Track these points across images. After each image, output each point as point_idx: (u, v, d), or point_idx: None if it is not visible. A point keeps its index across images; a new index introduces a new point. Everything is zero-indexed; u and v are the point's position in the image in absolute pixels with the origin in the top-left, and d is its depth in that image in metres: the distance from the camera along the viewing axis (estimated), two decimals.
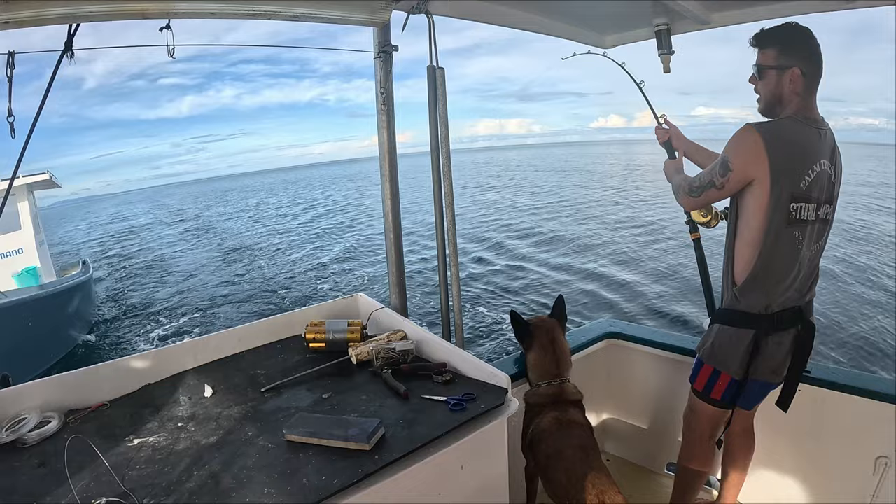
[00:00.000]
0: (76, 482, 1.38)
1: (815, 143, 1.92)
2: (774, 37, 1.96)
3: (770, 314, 1.99)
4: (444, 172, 2.35)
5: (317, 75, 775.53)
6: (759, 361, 2.03)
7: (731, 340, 2.06)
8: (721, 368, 2.10)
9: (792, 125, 1.93)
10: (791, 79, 1.92)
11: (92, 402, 1.85)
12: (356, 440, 1.46)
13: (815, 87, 1.96)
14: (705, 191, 2.05)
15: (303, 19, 2.01)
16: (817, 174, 1.89)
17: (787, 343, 2.03)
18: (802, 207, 1.89)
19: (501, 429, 1.70)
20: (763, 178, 1.87)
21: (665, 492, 2.67)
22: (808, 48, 1.93)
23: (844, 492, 2.37)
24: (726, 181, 1.95)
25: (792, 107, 1.95)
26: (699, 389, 2.21)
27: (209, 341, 2.22)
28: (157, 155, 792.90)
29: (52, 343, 9.71)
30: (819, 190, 1.92)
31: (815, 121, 1.95)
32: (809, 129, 1.93)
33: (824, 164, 1.92)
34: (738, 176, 1.93)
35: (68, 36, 1.64)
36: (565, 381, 2.21)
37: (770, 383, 2.11)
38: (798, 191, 1.87)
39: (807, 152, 1.90)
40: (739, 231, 2.01)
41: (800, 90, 1.93)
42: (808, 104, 1.95)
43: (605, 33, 3.02)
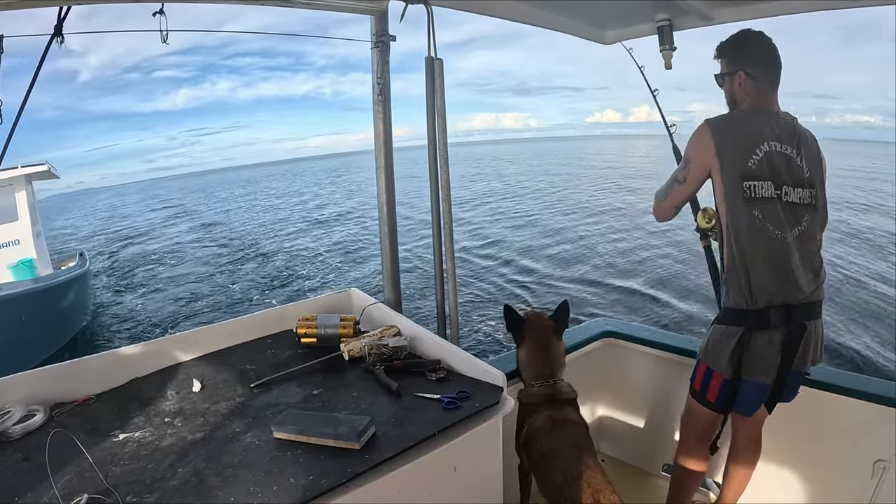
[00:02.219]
0: (58, 478, 1.35)
1: (763, 126, 2.04)
2: (724, 47, 2.18)
3: (756, 310, 1.99)
4: (440, 164, 2.32)
5: (312, 68, 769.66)
6: (749, 361, 2.03)
7: (721, 338, 2.08)
8: (713, 367, 2.11)
9: (739, 114, 2.14)
10: (739, 82, 2.12)
11: (78, 396, 1.81)
12: (346, 439, 1.43)
13: (769, 85, 2.12)
14: (671, 189, 2.20)
15: (298, 5, 1.98)
16: (766, 153, 2.00)
17: (777, 342, 2.01)
18: (756, 185, 1.98)
19: (496, 428, 1.67)
20: (714, 163, 2.03)
21: (661, 493, 2.65)
22: (753, 53, 2.12)
23: (842, 495, 2.36)
24: (687, 173, 2.13)
25: (746, 105, 2.14)
26: (696, 389, 2.21)
27: (199, 335, 2.19)
28: (152, 148, 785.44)
29: (45, 338, 9.66)
30: (772, 169, 2.00)
31: (767, 111, 2.09)
32: (758, 116, 2.07)
33: (776, 145, 2.02)
34: (695, 166, 2.10)
35: (58, 19, 1.61)
36: (558, 380, 2.18)
37: (765, 385, 2.08)
38: (747, 169, 1.98)
39: (752, 134, 2.02)
40: (724, 226, 2.07)
41: (749, 91, 2.11)
42: (763, 101, 2.11)
43: (606, 28, 3.00)
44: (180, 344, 2.12)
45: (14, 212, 11.55)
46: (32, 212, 12.01)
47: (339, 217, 28.99)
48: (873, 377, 2.46)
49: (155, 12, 1.73)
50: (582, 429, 2.09)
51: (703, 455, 2.33)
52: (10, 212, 11.49)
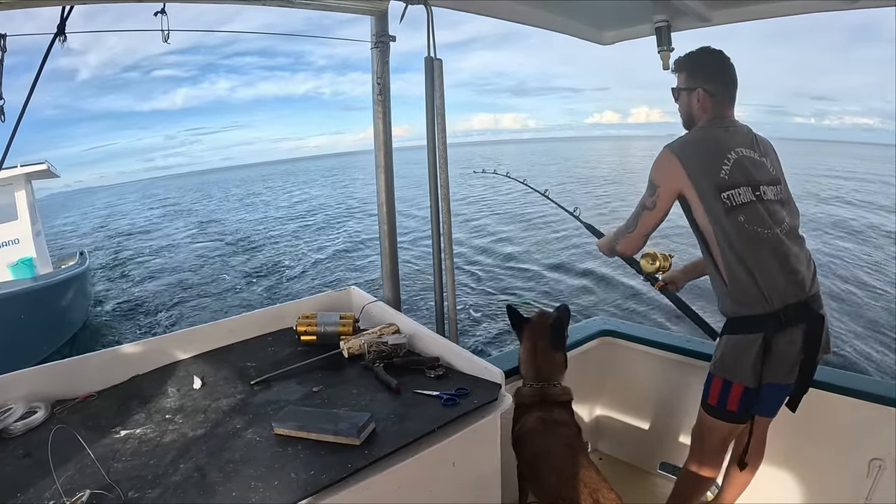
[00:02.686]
0: (60, 473, 1.36)
1: (723, 137, 2.10)
2: (684, 63, 2.21)
3: (774, 312, 1.97)
4: (439, 164, 2.33)
5: (312, 68, 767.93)
6: (772, 363, 1.99)
7: (739, 348, 2.03)
8: (731, 378, 2.06)
9: (696, 132, 2.17)
10: (698, 98, 2.16)
11: (79, 393, 1.82)
12: (346, 434, 1.44)
13: (726, 101, 2.17)
14: (639, 217, 2.20)
15: (299, 6, 1.98)
16: (734, 161, 2.04)
17: (798, 340, 2.00)
18: (734, 194, 2.00)
19: (494, 425, 1.69)
20: (687, 186, 2.04)
21: (658, 491, 2.66)
22: (713, 70, 2.16)
23: (838, 493, 2.37)
24: (656, 198, 2.13)
25: (703, 121, 2.18)
26: (713, 404, 2.15)
27: (199, 332, 2.20)
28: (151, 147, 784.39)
29: (44, 337, 9.66)
30: (744, 174, 2.03)
31: (723, 123, 2.15)
32: (714, 130, 2.13)
33: (741, 151, 2.07)
34: (664, 190, 2.11)
35: (61, 19, 1.62)
36: (549, 385, 2.18)
37: (787, 384, 2.06)
38: (721, 181, 2.01)
39: (716, 147, 2.07)
40: (708, 245, 2.09)
41: (708, 107, 2.15)
42: (720, 116, 2.16)
43: (604, 29, 3.02)
44: (181, 342, 2.13)
45: (14, 211, 11.54)
46: (32, 211, 12.00)
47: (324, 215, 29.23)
48: (870, 376, 2.47)
49: (156, 12, 1.74)
50: (572, 429, 2.10)
51: (717, 464, 2.30)
52: (10, 211, 11.47)
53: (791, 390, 2.08)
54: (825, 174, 41.89)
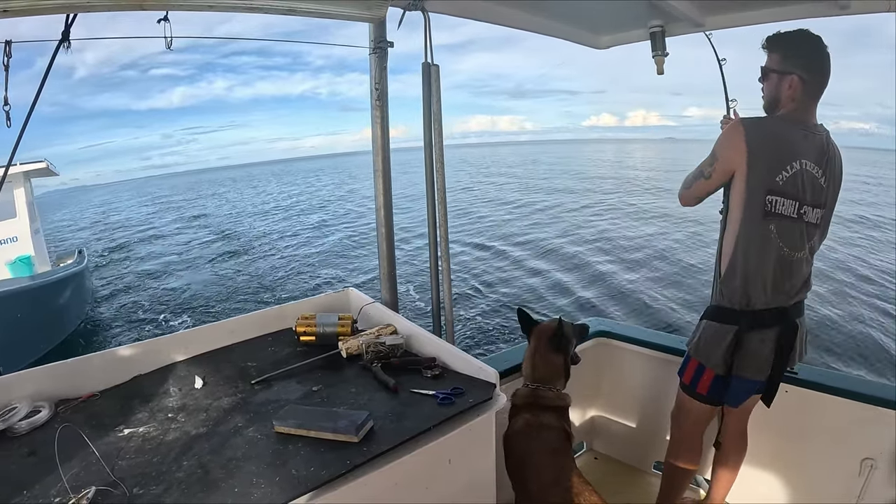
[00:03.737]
0: (66, 471, 1.39)
1: (799, 141, 1.98)
2: (781, 42, 2.04)
3: (752, 311, 2.02)
4: (436, 168, 2.36)
5: (309, 68, 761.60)
6: (742, 358, 2.06)
7: (714, 336, 2.11)
8: (705, 363, 2.14)
9: (777, 122, 2.04)
10: (790, 84, 1.99)
11: (83, 392, 1.85)
12: (345, 432, 1.47)
13: (816, 95, 2.03)
14: (695, 182, 2.14)
15: (300, 13, 2.01)
16: (796, 171, 1.95)
17: (770, 341, 2.05)
18: (778, 201, 1.95)
19: (489, 423, 1.71)
20: (741, 167, 1.97)
21: (653, 490, 2.69)
22: (811, 57, 2.00)
23: (830, 493, 2.40)
24: (713, 171, 2.06)
25: (787, 110, 2.03)
26: (686, 383, 2.25)
27: (200, 333, 2.23)
28: (148, 146, 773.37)
29: (40, 336, 9.63)
30: (800, 189, 1.97)
31: (805, 123, 2.01)
32: (795, 129, 2.00)
33: (807, 164, 1.97)
34: (722, 165, 2.03)
35: (66, 26, 1.64)
36: (544, 387, 2.19)
37: (754, 381, 2.12)
38: (774, 184, 1.94)
39: (786, 148, 1.96)
40: (728, 224, 2.08)
41: (797, 96, 2.00)
42: (805, 109, 2.02)
43: (600, 34, 3.04)
44: (182, 342, 2.15)
45: (12, 208, 11.50)
46: (31, 209, 11.96)
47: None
48: (861, 377, 2.50)
49: (160, 19, 1.76)
50: (558, 433, 2.10)
51: (694, 451, 2.36)
52: (9, 208, 11.44)
53: (761, 387, 2.14)
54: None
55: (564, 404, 2.20)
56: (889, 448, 2.24)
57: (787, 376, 2.28)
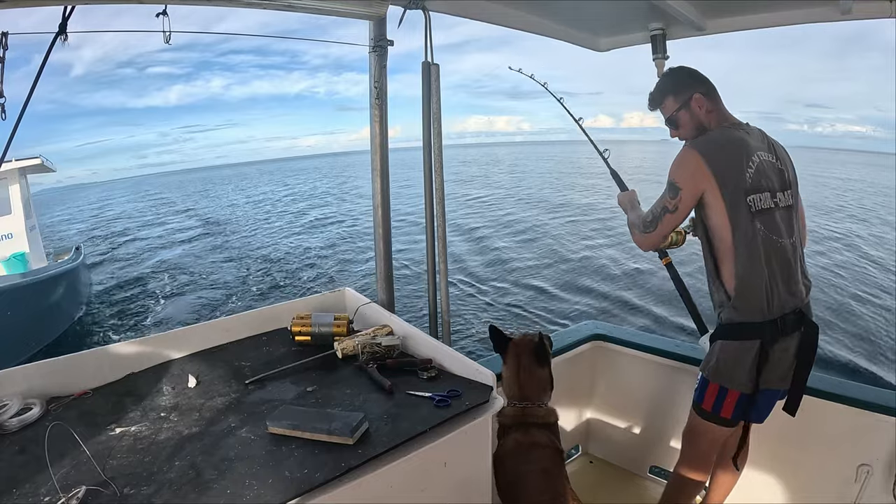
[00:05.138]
0: (56, 470, 1.37)
1: (744, 139, 2.06)
2: (662, 90, 2.21)
3: (772, 320, 1.98)
4: (435, 168, 2.35)
5: (306, 67, 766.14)
6: (768, 371, 2.01)
7: (736, 354, 2.03)
8: (728, 385, 2.05)
9: (719, 132, 2.10)
10: (698, 104, 2.12)
11: (75, 390, 1.83)
12: (340, 434, 1.46)
13: (718, 98, 2.16)
14: (659, 220, 2.13)
15: (299, 10, 1.99)
16: (757, 165, 2.01)
17: (792, 347, 2.03)
18: (757, 198, 1.98)
19: (486, 426, 1.70)
20: (711, 186, 1.98)
21: (648, 494, 2.69)
22: (690, 76, 2.18)
23: (826, 498, 2.39)
24: (678, 201, 2.05)
25: (713, 123, 2.13)
26: (708, 410, 2.13)
27: (194, 331, 2.21)
28: (144, 144, 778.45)
29: (31, 334, 9.58)
30: (766, 179, 2.01)
31: (738, 124, 2.12)
32: (735, 131, 2.09)
33: (762, 154, 2.05)
34: (688, 192, 2.03)
35: (63, 18, 1.63)
36: (530, 405, 2.12)
37: (778, 390, 2.09)
38: (746, 184, 1.97)
39: (741, 149, 2.03)
40: (715, 247, 2.06)
41: (710, 107, 2.13)
42: (723, 114, 2.14)
43: (600, 36, 3.04)
44: (176, 340, 2.13)
45: (7, 205, 11.46)
46: (26, 205, 11.93)
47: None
48: (858, 383, 2.50)
49: (158, 13, 1.75)
50: (550, 451, 2.05)
51: (706, 468, 2.30)
52: (4, 205, 11.41)
53: (783, 395, 2.11)
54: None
55: (554, 420, 2.15)
56: (885, 454, 2.23)
57: None
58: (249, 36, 3.48)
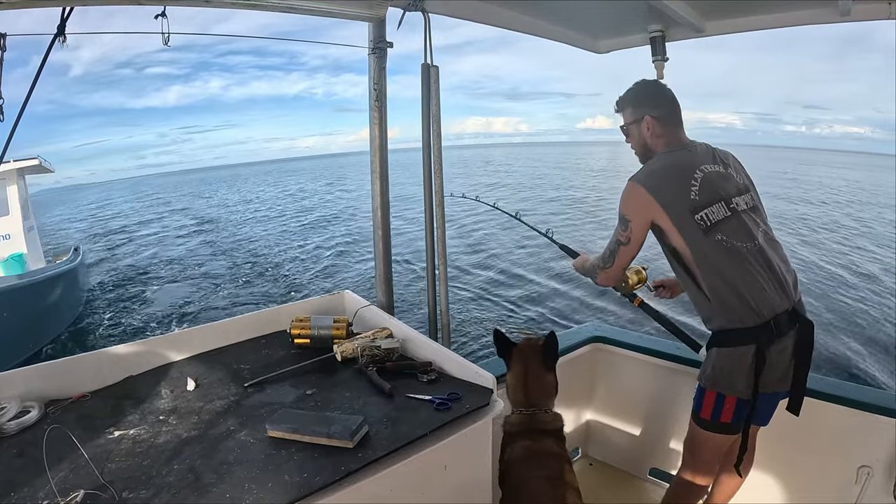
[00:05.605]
0: (54, 473, 1.37)
1: (686, 158, 2.10)
2: (625, 99, 2.24)
3: (765, 322, 1.97)
4: (434, 170, 2.35)
5: (305, 68, 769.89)
6: (765, 373, 1.99)
7: (732, 360, 2.02)
8: (725, 392, 2.04)
9: (659, 158, 2.15)
10: (647, 126, 2.16)
11: (73, 393, 1.82)
12: (339, 437, 1.46)
13: (674, 122, 2.19)
14: (615, 253, 2.17)
15: (300, 12, 1.99)
16: (702, 179, 2.03)
17: (789, 347, 2.01)
18: (708, 213, 1.99)
19: (486, 429, 1.70)
20: (659, 214, 2.02)
21: (648, 496, 2.68)
22: (653, 96, 2.20)
23: (826, 500, 2.39)
24: (629, 233, 2.10)
25: (659, 147, 2.17)
26: (707, 419, 2.11)
27: (193, 334, 2.21)
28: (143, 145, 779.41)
29: (27, 335, 9.53)
30: (714, 189, 2.03)
31: (681, 144, 2.17)
32: (675, 153, 2.13)
33: (706, 168, 2.07)
34: (637, 223, 2.08)
35: (61, 20, 1.62)
36: (538, 411, 2.08)
37: (779, 392, 2.08)
38: (692, 203, 1.99)
39: (681, 168, 2.07)
40: (686, 264, 2.06)
41: (659, 132, 2.16)
42: (673, 138, 2.17)
43: (599, 38, 3.04)
44: (174, 343, 2.13)
45: (5, 206, 11.44)
46: (24, 206, 11.90)
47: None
48: (859, 384, 2.50)
49: (157, 15, 1.74)
50: (559, 460, 2.01)
51: (709, 475, 2.29)
52: (2, 206, 11.38)
53: (785, 396, 2.10)
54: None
55: (561, 425, 2.11)
56: (885, 455, 2.23)
57: None
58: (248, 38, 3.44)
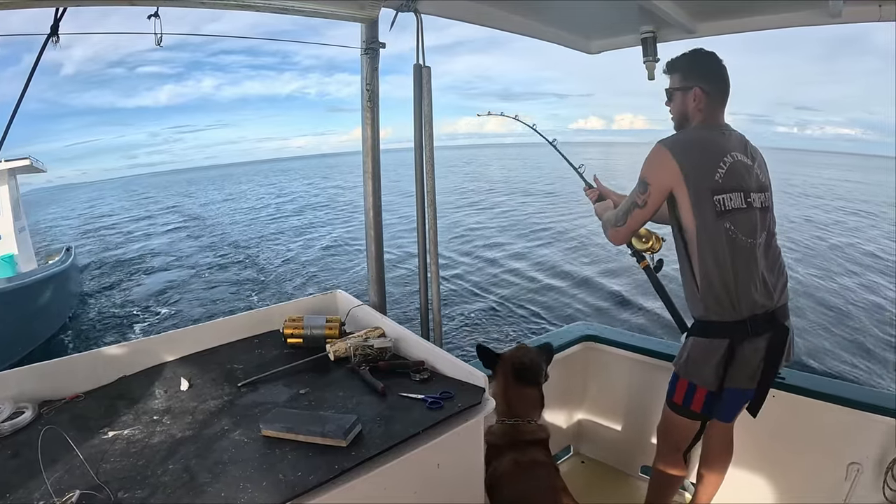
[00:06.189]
0: (49, 474, 1.37)
1: (720, 140, 2.08)
2: (678, 63, 2.19)
3: (742, 320, 2.01)
4: (426, 170, 2.35)
5: (298, 68, 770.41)
6: (734, 369, 2.04)
7: (704, 352, 2.08)
8: (696, 382, 2.11)
9: (694, 132, 2.15)
10: (694, 97, 2.13)
11: (67, 393, 1.82)
12: (333, 436, 1.46)
13: (720, 102, 2.17)
14: (629, 214, 2.17)
15: (292, 12, 1.99)
16: (730, 165, 2.02)
17: (762, 349, 2.05)
18: (726, 198, 1.99)
19: (478, 428, 1.71)
20: (679, 183, 2.01)
21: (640, 494, 2.70)
22: (708, 70, 2.15)
23: (817, 497, 2.41)
24: (647, 197, 2.09)
25: (697, 121, 2.16)
26: (678, 403, 2.20)
27: (186, 334, 2.20)
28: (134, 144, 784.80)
29: (21, 336, 9.48)
30: (738, 179, 2.03)
31: (718, 126, 2.14)
32: (712, 132, 2.12)
33: (736, 155, 2.05)
34: (656, 188, 2.07)
35: (55, 19, 1.62)
36: (521, 421, 2.11)
37: (747, 390, 2.12)
38: (715, 184, 1.99)
39: (712, 149, 2.05)
40: (687, 243, 2.09)
41: (702, 107, 2.13)
42: (713, 117, 2.14)
43: (591, 38, 3.05)
44: (167, 343, 2.12)
45: None
46: (15, 207, 11.84)
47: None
48: (848, 382, 2.52)
49: (150, 15, 1.74)
50: (551, 469, 2.05)
51: (682, 462, 2.35)
52: None
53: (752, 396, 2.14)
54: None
55: (546, 436, 2.14)
56: (875, 453, 2.26)
57: (775, 381, 2.30)
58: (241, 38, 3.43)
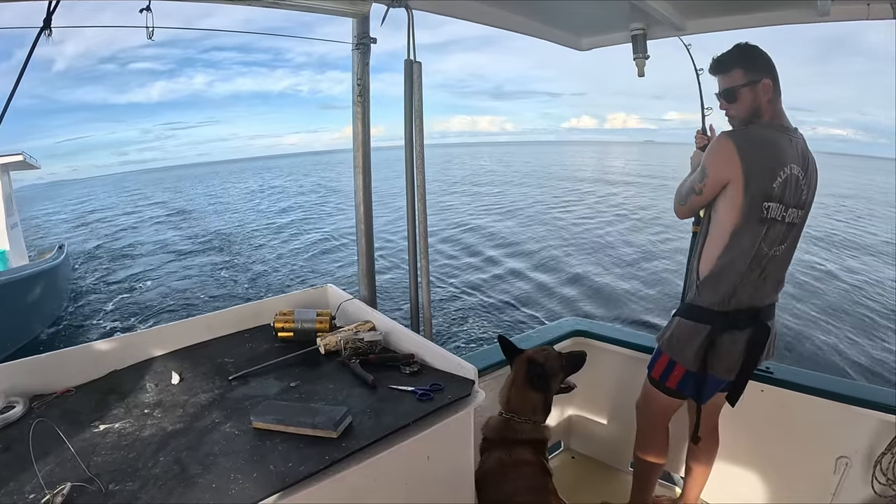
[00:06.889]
0: (41, 467, 1.37)
1: (785, 147, 2.01)
2: (735, 58, 2.09)
3: (725, 312, 2.06)
4: (416, 166, 2.36)
5: (290, 65, 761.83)
6: (714, 357, 2.10)
7: (687, 334, 2.14)
8: (676, 359, 2.18)
9: (763, 130, 2.05)
10: (764, 89, 2.04)
11: (57, 388, 1.82)
12: (323, 427, 1.47)
13: (779, 94, 2.07)
14: (688, 198, 2.17)
15: (283, 7, 1.99)
16: (787, 177, 1.98)
17: (741, 342, 2.09)
18: (773, 207, 1.98)
19: (468, 419, 1.72)
20: (737, 179, 1.97)
21: (629, 488, 2.72)
22: (767, 60, 2.07)
23: (806, 491, 2.44)
24: (704, 186, 2.07)
25: (766, 116, 2.07)
26: (656, 378, 2.29)
27: (177, 328, 2.20)
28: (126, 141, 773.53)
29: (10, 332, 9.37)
30: (789, 193, 2.00)
31: (787, 128, 2.06)
32: (780, 135, 2.03)
33: (794, 168, 2.00)
34: (713, 180, 2.04)
35: (47, 13, 1.62)
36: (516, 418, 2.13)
37: (722, 379, 2.17)
38: (770, 190, 1.96)
39: (776, 155, 1.99)
40: (710, 231, 2.11)
41: (772, 98, 2.06)
42: (779, 112, 2.08)
43: (581, 35, 3.07)
44: (158, 337, 2.13)
45: None
46: (8, 203, 11.73)
47: None
48: (835, 376, 2.55)
49: (142, 9, 1.74)
50: (535, 468, 2.06)
51: (661, 444, 2.40)
52: None
53: (727, 386, 2.20)
54: None
55: (542, 437, 2.15)
56: (863, 446, 2.28)
57: (763, 375, 2.34)
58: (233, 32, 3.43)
